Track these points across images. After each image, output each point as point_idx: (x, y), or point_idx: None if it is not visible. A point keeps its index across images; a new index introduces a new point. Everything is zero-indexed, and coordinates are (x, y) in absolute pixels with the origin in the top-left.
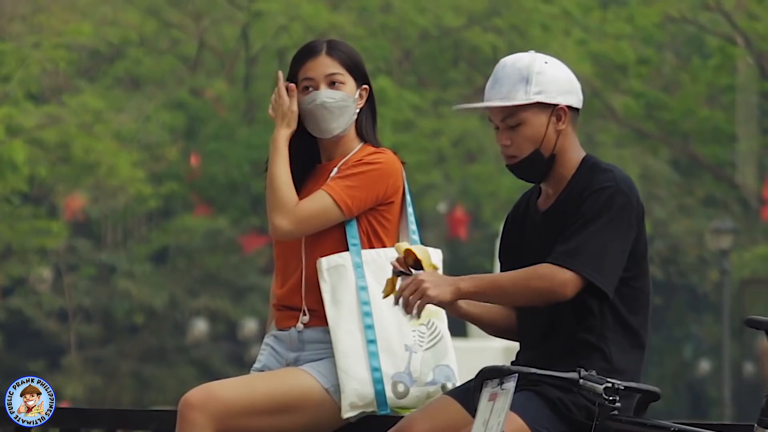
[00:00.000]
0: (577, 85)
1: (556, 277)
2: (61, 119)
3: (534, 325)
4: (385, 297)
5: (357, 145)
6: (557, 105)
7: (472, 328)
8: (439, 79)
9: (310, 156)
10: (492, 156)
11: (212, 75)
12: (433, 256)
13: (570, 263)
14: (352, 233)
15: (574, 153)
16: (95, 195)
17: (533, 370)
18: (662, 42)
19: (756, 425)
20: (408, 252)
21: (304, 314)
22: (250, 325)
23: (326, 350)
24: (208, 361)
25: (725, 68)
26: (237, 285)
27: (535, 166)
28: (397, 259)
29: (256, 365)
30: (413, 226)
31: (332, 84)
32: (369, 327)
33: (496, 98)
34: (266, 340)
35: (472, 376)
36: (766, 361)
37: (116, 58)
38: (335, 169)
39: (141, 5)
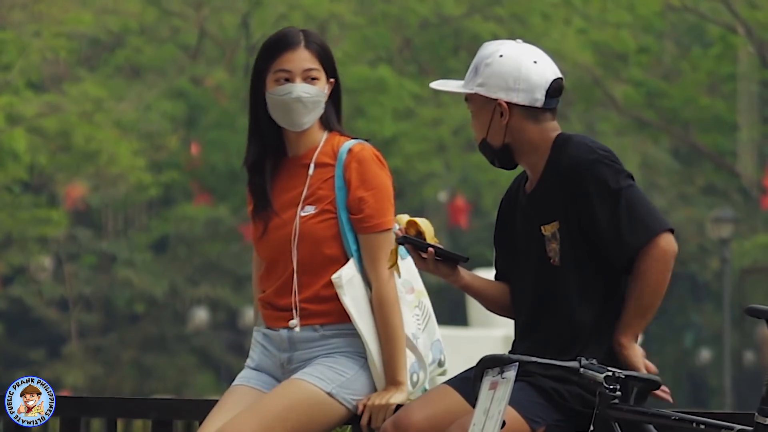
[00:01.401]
0: (532, 84)
1: (660, 250)
2: (62, 108)
3: (529, 306)
4: (390, 267)
5: (323, 136)
6: (497, 100)
7: (473, 318)
8: (440, 68)
9: (280, 148)
10: None
11: (213, 64)
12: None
13: (648, 234)
14: (353, 239)
15: (543, 141)
16: (96, 184)
17: (534, 359)
18: (663, 31)
19: (756, 414)
20: (411, 223)
21: (294, 316)
22: (250, 314)
23: (318, 348)
24: (209, 350)
25: (726, 57)
26: (237, 273)
27: (487, 153)
28: (400, 230)
29: (250, 363)
30: None
31: (309, 79)
32: None
33: (462, 81)
34: (256, 336)
35: (472, 364)
36: (766, 350)
37: (117, 47)
38: (312, 166)
39: None
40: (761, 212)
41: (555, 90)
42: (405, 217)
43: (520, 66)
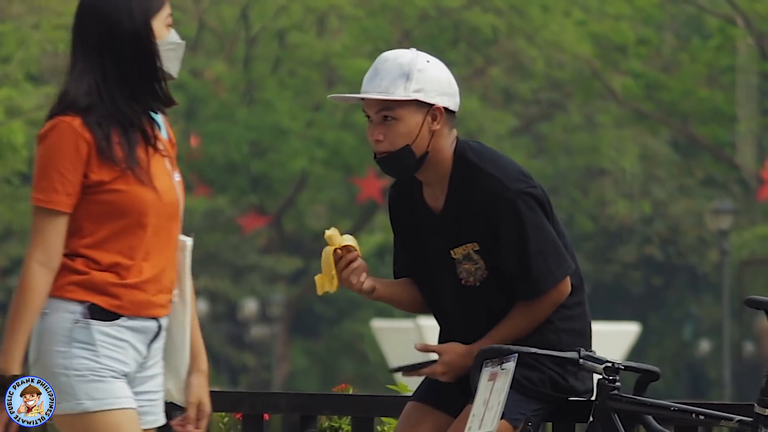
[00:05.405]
0: (456, 89)
1: (552, 300)
2: None
3: (453, 324)
4: (324, 293)
5: None
6: (433, 105)
7: None
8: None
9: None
10: (492, 137)
11: (212, 56)
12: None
13: (545, 287)
14: None
15: (448, 150)
16: None
17: (533, 350)
18: (662, 22)
19: (756, 405)
20: (346, 247)
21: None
22: (249, 306)
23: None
24: (208, 342)
25: (725, 49)
26: (236, 265)
27: (403, 162)
28: (335, 251)
29: (122, 368)
30: None
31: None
32: None
33: (374, 91)
34: (118, 333)
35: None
36: (765, 341)
37: None
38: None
39: None
40: (760, 204)
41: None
42: (336, 236)
43: (447, 72)
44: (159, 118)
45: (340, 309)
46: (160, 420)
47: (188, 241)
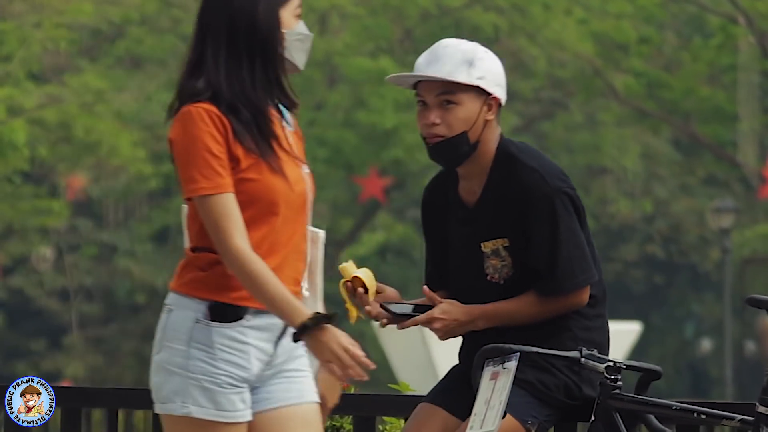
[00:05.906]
0: (506, 83)
1: (566, 304)
2: (62, 99)
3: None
4: (354, 321)
5: None
6: (491, 95)
7: None
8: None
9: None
10: None
11: None
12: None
13: (566, 289)
14: None
15: (493, 144)
16: (96, 175)
17: (535, 349)
18: (663, 21)
19: (757, 404)
20: (356, 278)
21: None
22: None
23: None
24: None
25: (727, 47)
26: None
27: (458, 148)
28: (346, 283)
29: (241, 373)
30: None
31: None
32: None
33: (437, 74)
34: (239, 335)
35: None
36: (767, 340)
37: (117, 38)
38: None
39: None
40: (761, 202)
41: None
42: (348, 269)
43: (501, 64)
44: (284, 110)
45: (341, 308)
46: (315, 396)
47: (321, 234)
